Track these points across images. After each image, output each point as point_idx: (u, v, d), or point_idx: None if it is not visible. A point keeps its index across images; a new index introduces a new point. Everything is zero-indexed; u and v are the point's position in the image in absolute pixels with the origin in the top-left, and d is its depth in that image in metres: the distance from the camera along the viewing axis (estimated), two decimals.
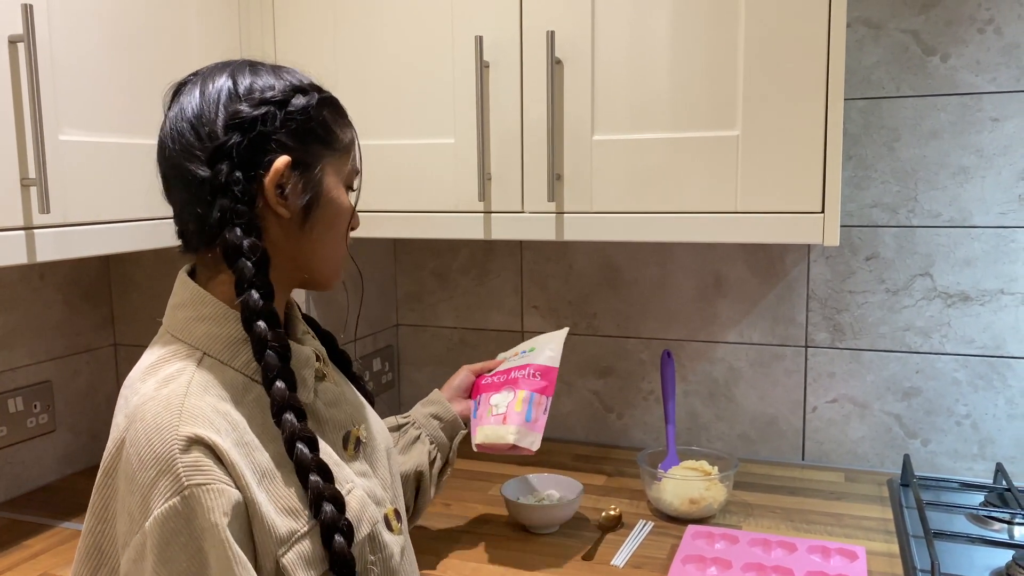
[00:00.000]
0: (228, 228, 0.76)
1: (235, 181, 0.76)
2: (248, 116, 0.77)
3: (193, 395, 0.73)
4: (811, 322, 1.61)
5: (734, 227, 1.24)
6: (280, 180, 0.79)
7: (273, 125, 0.78)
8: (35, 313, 1.52)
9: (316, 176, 0.82)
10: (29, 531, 1.35)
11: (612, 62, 1.28)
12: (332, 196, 0.83)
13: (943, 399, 1.55)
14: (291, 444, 0.75)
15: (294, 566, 0.73)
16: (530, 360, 1.24)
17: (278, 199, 0.79)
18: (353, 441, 0.87)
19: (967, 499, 1.41)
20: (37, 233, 1.07)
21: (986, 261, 1.50)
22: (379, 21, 1.40)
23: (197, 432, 0.70)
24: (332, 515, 0.75)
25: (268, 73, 0.82)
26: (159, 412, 0.72)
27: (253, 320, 0.76)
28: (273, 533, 0.73)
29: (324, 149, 0.82)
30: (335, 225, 0.84)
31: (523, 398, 1.19)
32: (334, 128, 0.84)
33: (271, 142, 0.78)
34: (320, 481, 0.75)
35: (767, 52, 1.20)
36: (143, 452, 0.70)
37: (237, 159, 0.77)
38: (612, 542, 1.30)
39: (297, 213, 0.81)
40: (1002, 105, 1.45)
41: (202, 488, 0.69)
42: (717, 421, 1.70)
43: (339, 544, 0.74)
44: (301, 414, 0.76)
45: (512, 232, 1.36)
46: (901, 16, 1.49)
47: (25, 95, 1.04)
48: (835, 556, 1.20)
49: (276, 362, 0.76)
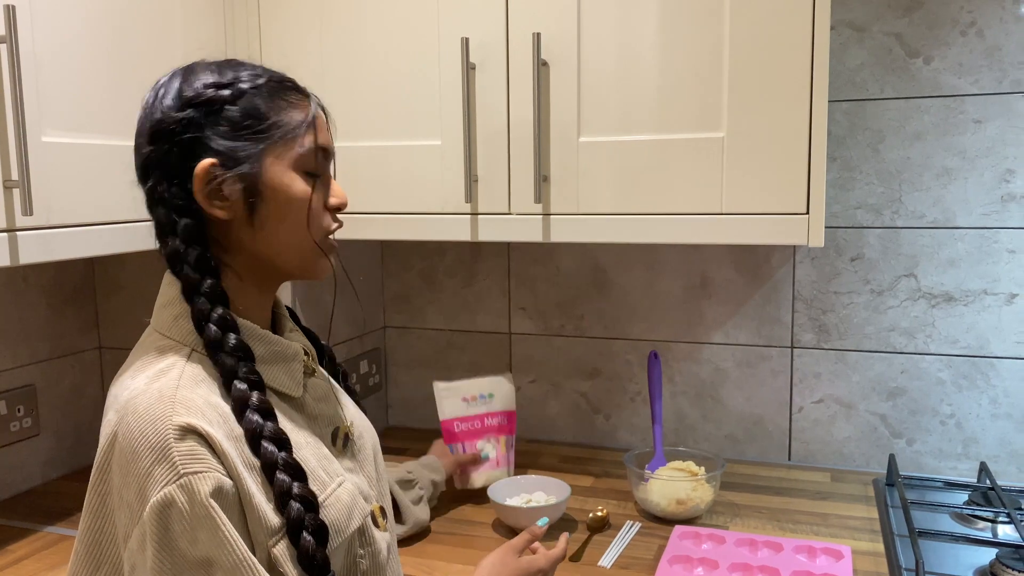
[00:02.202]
0: (168, 238, 0.78)
1: (167, 191, 0.77)
2: (171, 122, 0.77)
3: (185, 387, 0.74)
4: (797, 323, 1.62)
5: (720, 228, 1.25)
6: (209, 183, 0.77)
7: (198, 127, 0.77)
8: (18, 316, 1.51)
9: (254, 169, 0.78)
10: (13, 536, 1.34)
11: (598, 64, 1.28)
12: (277, 186, 0.79)
13: (928, 399, 1.56)
14: (255, 443, 0.75)
15: (284, 558, 0.74)
16: (492, 408, 1.51)
17: (215, 202, 0.78)
18: (342, 437, 0.87)
19: (951, 498, 1.42)
20: (20, 235, 1.06)
21: (969, 262, 1.51)
22: (366, 23, 1.39)
23: (191, 422, 0.71)
24: (299, 514, 0.74)
25: (207, 72, 0.80)
26: (152, 404, 0.72)
27: (202, 327, 0.77)
28: (265, 524, 0.73)
29: (259, 139, 0.79)
30: (289, 214, 0.80)
31: (504, 442, 1.50)
32: (269, 115, 0.79)
33: (198, 145, 0.77)
34: (287, 479, 0.75)
35: (752, 54, 1.20)
36: (137, 443, 0.70)
37: (166, 169, 0.77)
38: (599, 543, 1.30)
39: (242, 211, 0.79)
40: (984, 107, 1.47)
41: (198, 476, 0.69)
42: (704, 422, 1.70)
43: (305, 544, 0.74)
44: (266, 413, 0.76)
45: (499, 234, 1.36)
46: (885, 19, 1.50)
47: (8, 96, 1.03)
48: (821, 556, 1.21)
49: (232, 367, 0.76)
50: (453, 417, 1.49)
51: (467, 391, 1.50)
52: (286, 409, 0.82)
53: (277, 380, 0.82)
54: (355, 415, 0.94)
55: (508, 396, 1.53)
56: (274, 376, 0.81)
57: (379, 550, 0.85)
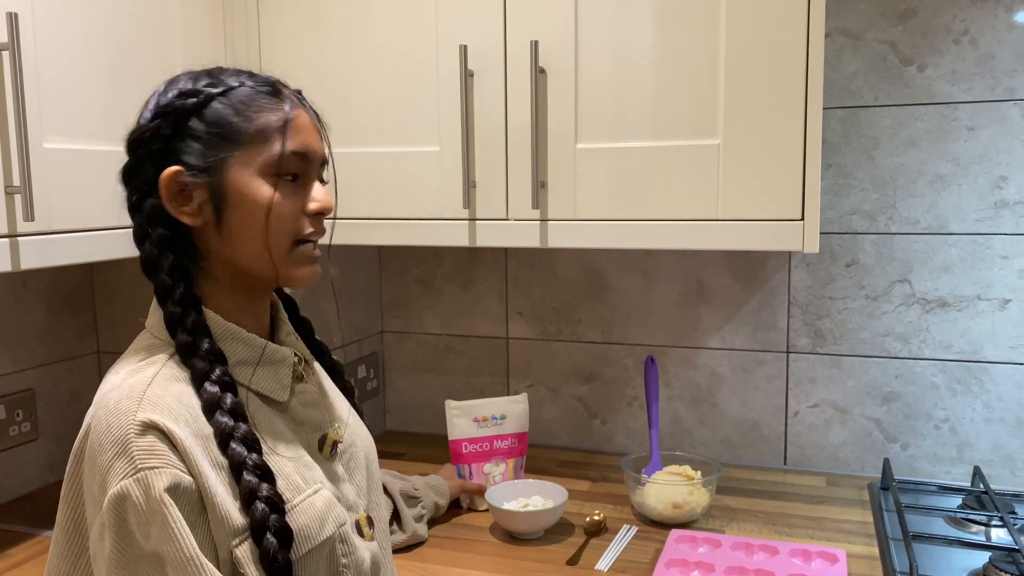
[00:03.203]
0: (143, 245, 0.80)
1: (142, 200, 0.80)
2: (143, 131, 0.80)
3: (157, 384, 0.75)
4: (792, 328, 1.63)
5: (716, 234, 1.26)
6: (174, 190, 0.79)
7: (167, 137, 0.79)
8: (18, 321, 1.51)
9: (219, 176, 0.79)
10: (11, 540, 1.35)
11: (595, 72, 1.29)
12: (243, 192, 0.79)
13: (922, 404, 1.57)
14: (224, 443, 0.76)
15: (247, 559, 0.74)
16: (503, 430, 1.50)
17: (182, 208, 0.80)
18: (329, 444, 0.88)
19: (945, 502, 1.43)
20: (21, 241, 1.07)
21: (963, 267, 1.52)
22: (364, 31, 1.40)
23: (152, 418, 0.72)
24: (263, 515, 0.75)
25: (184, 80, 0.82)
26: (121, 399, 0.74)
27: (174, 332, 0.79)
28: (227, 524, 0.74)
29: (225, 146, 0.79)
30: (254, 221, 0.80)
31: (513, 465, 1.51)
32: (233, 120, 0.79)
33: (169, 154, 0.79)
34: (254, 480, 0.75)
35: (747, 62, 1.21)
36: (103, 436, 0.73)
37: (140, 177, 0.80)
38: (596, 547, 1.31)
39: (211, 217, 0.80)
40: (977, 114, 1.48)
41: (154, 471, 0.71)
42: (700, 426, 1.71)
43: (268, 545, 0.74)
44: (237, 415, 0.77)
45: (497, 239, 1.37)
46: (879, 27, 1.52)
47: (10, 103, 1.04)
48: (816, 559, 1.21)
49: (204, 370, 0.78)
50: (462, 438, 1.48)
51: (479, 412, 1.49)
52: (268, 413, 0.82)
53: (261, 383, 0.83)
54: (352, 422, 0.94)
55: (521, 417, 1.51)
56: (259, 379, 0.82)
57: (361, 559, 0.85)
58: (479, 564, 1.25)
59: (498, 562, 1.26)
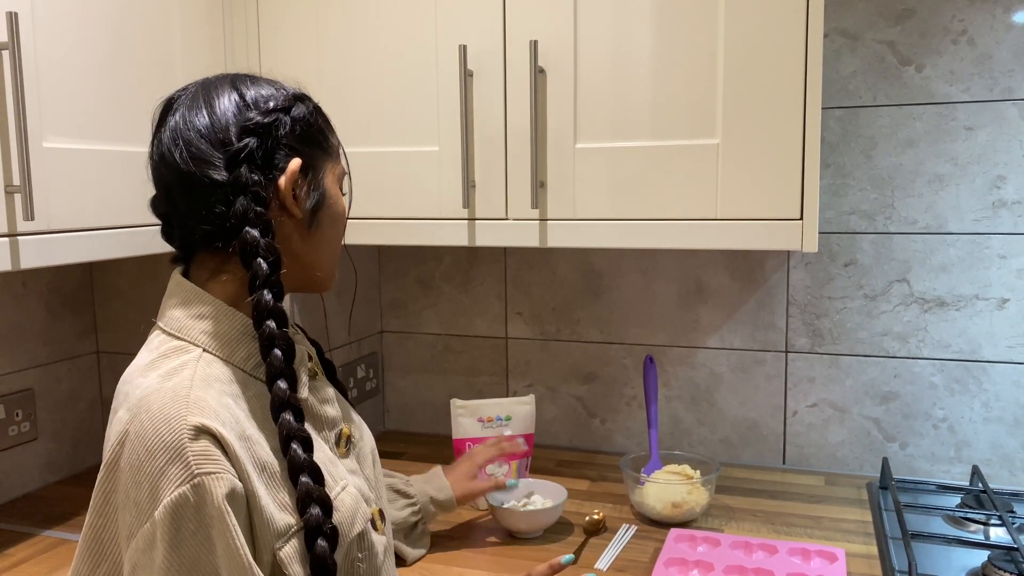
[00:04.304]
0: (247, 228, 0.79)
1: (253, 183, 0.80)
2: (260, 123, 0.81)
3: (197, 387, 0.74)
4: (791, 327, 1.63)
5: (714, 234, 1.26)
6: (294, 182, 0.82)
7: (283, 131, 0.82)
8: (17, 320, 1.51)
9: (320, 178, 0.86)
10: (11, 540, 1.35)
11: (594, 71, 1.29)
12: (334, 198, 0.88)
13: (920, 403, 1.57)
14: (286, 443, 0.76)
15: (290, 559, 0.75)
16: (510, 431, 1.48)
17: (293, 201, 0.83)
18: (344, 439, 0.88)
19: (944, 501, 1.44)
20: (21, 240, 1.07)
21: (961, 267, 1.52)
22: (363, 30, 1.41)
23: (204, 422, 0.71)
24: (318, 518, 0.75)
25: (265, 84, 0.85)
26: (166, 403, 0.72)
27: (264, 319, 0.78)
28: (271, 526, 0.74)
29: (323, 153, 0.86)
30: (336, 226, 0.89)
31: (516, 466, 1.49)
32: (327, 133, 0.88)
33: (282, 147, 0.82)
34: (310, 482, 0.76)
35: (746, 62, 1.22)
36: (151, 442, 0.71)
37: (254, 163, 0.80)
38: (596, 546, 1.31)
39: (306, 215, 0.84)
40: (975, 114, 1.48)
41: (212, 476, 0.70)
42: (699, 426, 1.71)
43: (321, 548, 0.75)
44: (299, 414, 0.78)
45: (496, 239, 1.37)
46: (877, 27, 1.52)
47: (9, 102, 1.04)
48: (815, 558, 1.22)
49: (280, 362, 0.78)
50: (466, 437, 1.48)
51: (484, 412, 1.49)
52: None
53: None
54: (355, 416, 0.95)
55: (527, 418, 1.50)
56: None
57: (376, 553, 0.86)
58: (478, 563, 1.25)
59: (497, 561, 1.26)
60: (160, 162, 0.82)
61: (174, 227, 0.85)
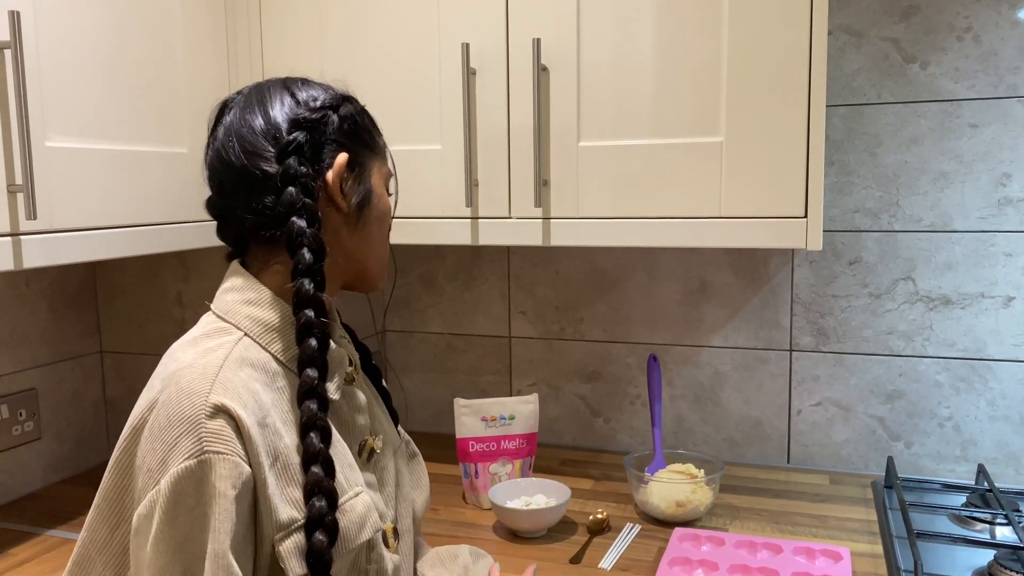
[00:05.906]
0: (294, 218, 0.81)
1: (302, 174, 0.81)
2: (310, 118, 0.84)
3: (228, 368, 0.76)
4: (795, 326, 1.63)
5: (718, 232, 1.25)
6: (341, 176, 0.84)
7: (331, 127, 0.85)
8: (20, 320, 1.51)
9: (367, 175, 0.88)
10: (14, 539, 1.35)
11: (597, 69, 1.29)
12: (379, 196, 0.90)
13: (926, 402, 1.57)
14: (306, 430, 0.77)
15: (290, 554, 0.75)
16: (511, 431, 1.48)
17: (340, 194, 0.84)
18: (367, 451, 0.89)
19: (949, 500, 1.43)
20: (24, 239, 1.07)
21: (966, 265, 1.52)
22: (366, 28, 1.40)
23: (225, 402, 0.73)
24: (321, 510, 0.75)
25: (316, 86, 0.89)
26: (194, 379, 0.74)
27: (303, 306, 0.80)
28: (274, 518, 0.74)
29: (370, 151, 0.89)
30: (383, 223, 0.91)
31: (520, 465, 1.50)
32: (374, 133, 0.91)
33: (330, 143, 0.85)
34: (320, 473, 0.76)
35: (750, 59, 1.21)
36: (172, 412, 0.73)
37: (303, 155, 0.82)
38: (600, 545, 1.31)
39: (352, 210, 0.86)
40: (980, 112, 1.48)
41: (219, 456, 0.71)
42: (703, 425, 1.71)
43: (319, 541, 0.75)
44: (324, 404, 0.79)
45: (499, 238, 1.36)
46: (882, 24, 1.51)
47: (12, 101, 1.04)
48: (820, 557, 1.21)
49: (313, 350, 0.79)
50: (469, 436, 1.48)
51: (487, 411, 1.48)
52: None
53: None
54: (388, 431, 0.95)
55: (530, 417, 1.50)
56: None
57: (385, 569, 0.85)
58: None
59: (501, 560, 1.25)
60: (215, 159, 0.85)
61: (229, 224, 0.87)
